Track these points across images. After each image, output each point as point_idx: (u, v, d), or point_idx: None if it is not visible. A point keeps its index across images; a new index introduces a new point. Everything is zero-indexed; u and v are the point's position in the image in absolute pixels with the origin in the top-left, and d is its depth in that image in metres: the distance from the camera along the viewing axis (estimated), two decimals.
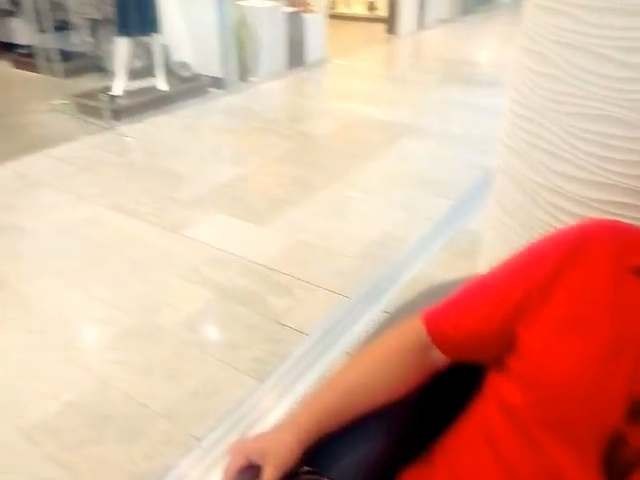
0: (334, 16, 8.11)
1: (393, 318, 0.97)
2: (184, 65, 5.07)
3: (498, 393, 0.73)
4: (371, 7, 9.15)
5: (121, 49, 4.48)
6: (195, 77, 5.08)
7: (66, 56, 5.49)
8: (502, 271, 0.78)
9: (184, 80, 5.01)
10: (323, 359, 1.84)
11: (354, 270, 2.35)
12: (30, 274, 2.38)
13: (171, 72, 5.03)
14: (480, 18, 8.93)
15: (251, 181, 3.34)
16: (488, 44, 7.24)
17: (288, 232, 2.69)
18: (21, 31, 6.30)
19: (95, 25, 5.44)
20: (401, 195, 3.07)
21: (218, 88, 5.18)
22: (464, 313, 0.77)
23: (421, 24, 8.18)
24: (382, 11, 8.57)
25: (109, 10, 4.96)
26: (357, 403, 0.78)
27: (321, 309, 2.10)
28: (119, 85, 4.51)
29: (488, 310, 0.74)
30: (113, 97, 4.39)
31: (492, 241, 1.57)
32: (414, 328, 0.80)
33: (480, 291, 0.78)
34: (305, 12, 6.05)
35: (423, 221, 2.76)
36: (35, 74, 5.52)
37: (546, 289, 0.69)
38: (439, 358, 0.79)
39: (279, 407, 1.67)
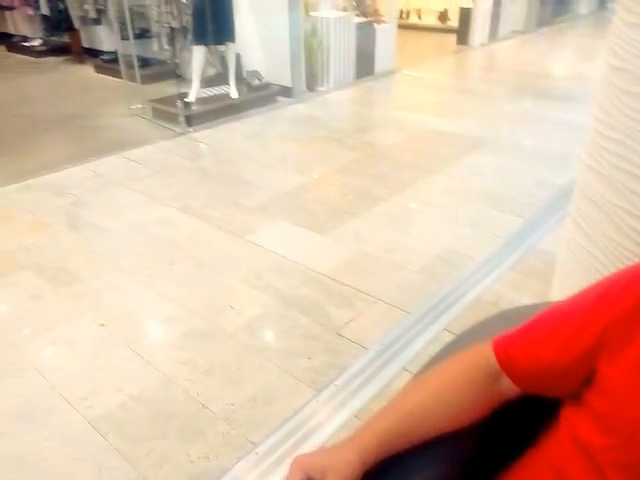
0: (405, 26, 8.08)
1: (461, 341, 0.94)
2: (255, 74, 5.21)
3: (573, 428, 0.70)
4: (443, 18, 9.04)
5: (197, 57, 4.67)
6: (265, 86, 5.21)
7: (145, 62, 5.77)
8: (582, 300, 0.74)
9: (254, 88, 5.14)
10: (381, 374, 1.82)
11: (416, 285, 2.32)
12: (104, 270, 2.51)
13: (242, 80, 5.18)
14: (556, 30, 8.63)
15: (315, 190, 3.37)
16: (564, 57, 6.97)
17: (350, 243, 2.69)
18: (105, 38, 6.71)
19: (173, 33, 5.70)
20: (468, 210, 3.00)
21: (286, 97, 5.28)
22: (539, 342, 0.74)
23: (494, 35, 7.99)
24: (454, 22, 8.46)
25: (187, 19, 5.18)
26: (420, 427, 0.76)
27: (381, 323, 2.08)
28: (193, 92, 4.69)
29: (566, 341, 0.71)
30: (187, 103, 4.57)
31: (567, 264, 1.50)
32: (484, 354, 0.77)
33: (558, 320, 0.74)
34: (376, 22, 6.07)
35: (491, 238, 2.68)
36: (115, 79, 5.84)
37: (632, 323, 0.65)
38: (509, 387, 0.76)
39: (335, 420, 1.67)
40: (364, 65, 6.01)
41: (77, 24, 6.70)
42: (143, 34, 5.79)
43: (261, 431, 1.63)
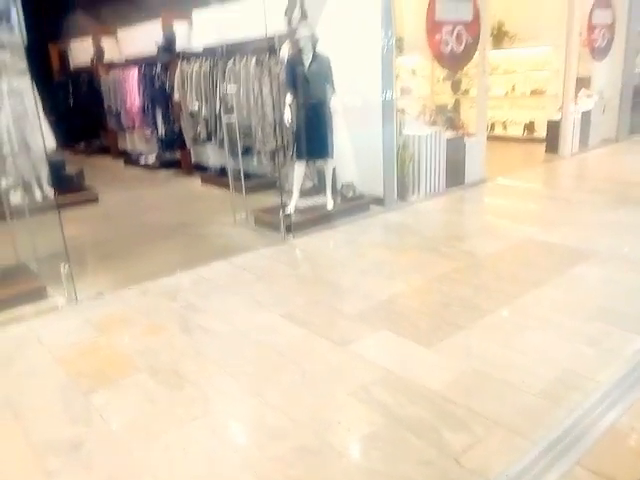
0: (491, 137, 8.26)
1: None
2: (350, 186, 5.47)
3: None
4: (529, 128, 9.20)
5: (298, 172, 5.02)
6: (358, 196, 5.43)
7: (248, 175, 6.27)
8: None
9: (348, 199, 5.37)
10: None
11: (537, 410, 2.15)
12: (213, 374, 2.57)
13: (337, 191, 5.46)
14: None
15: (414, 299, 3.35)
16: None
17: (459, 357, 2.59)
18: (211, 154, 7.43)
19: (275, 150, 6.21)
20: (583, 326, 2.82)
21: (379, 205, 5.46)
22: None
23: (584, 144, 7.97)
24: (540, 132, 8.57)
25: (287, 139, 5.66)
26: None
27: (503, 452, 1.92)
28: (293, 203, 4.99)
29: None
30: (287, 214, 4.84)
31: None
32: None
33: None
34: (465, 136, 6.28)
35: (615, 359, 2.48)
36: (220, 190, 6.36)
37: None
38: None
39: None
40: (455, 175, 6.16)
41: (189, 143, 7.50)
42: (248, 151, 6.36)
43: None
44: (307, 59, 4.84)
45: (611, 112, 8.42)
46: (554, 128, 7.80)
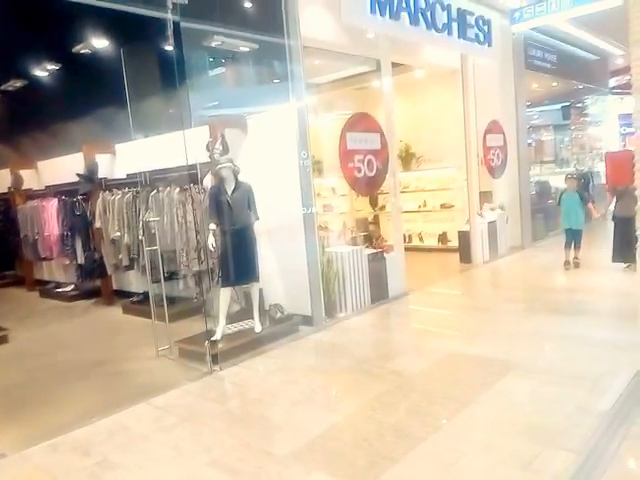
0: (408, 249, 8.69)
1: None
2: (277, 306, 5.46)
3: None
4: (443, 239, 9.82)
5: (223, 297, 4.96)
6: (287, 317, 5.41)
7: (172, 301, 6.10)
8: None
9: (277, 321, 5.33)
10: None
11: None
12: None
13: (265, 313, 5.41)
14: (550, 242, 9.26)
15: (348, 431, 3.23)
16: (565, 270, 7.33)
17: None
18: (134, 281, 7.24)
19: (200, 274, 6.16)
20: (514, 447, 2.82)
21: (308, 325, 5.45)
22: None
23: (494, 251, 8.58)
24: (453, 242, 9.16)
25: (213, 262, 5.65)
26: None
27: None
28: (219, 330, 4.86)
29: None
30: (213, 342, 4.68)
31: None
32: None
33: None
34: (385, 252, 6.58)
35: None
36: (142, 319, 6.10)
37: None
38: None
39: None
40: (379, 290, 6.34)
41: (110, 271, 7.29)
42: (172, 276, 6.25)
43: None
44: (230, 187, 5.00)
45: (514, 222, 9.22)
46: (465, 238, 8.39)
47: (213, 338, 4.73)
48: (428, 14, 6.61)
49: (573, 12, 6.92)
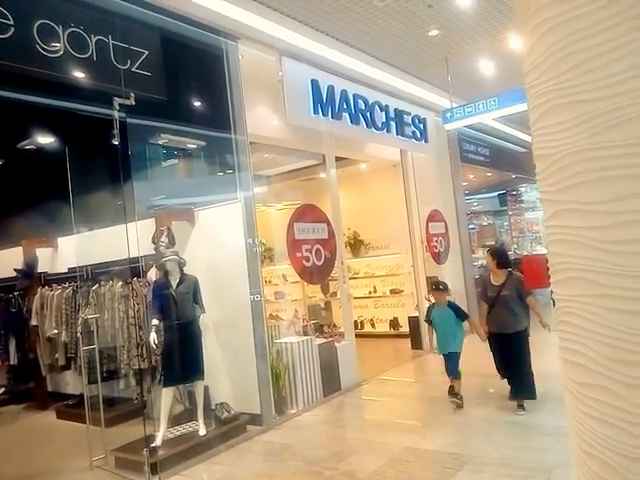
0: (361, 335, 8.64)
1: None
2: (224, 406, 5.17)
3: None
4: (394, 325, 9.84)
5: (165, 399, 4.68)
6: (234, 417, 5.11)
7: (110, 402, 5.70)
8: None
9: (223, 421, 5.02)
10: None
11: None
12: None
13: (211, 412, 5.11)
14: None
15: None
16: None
17: None
18: (70, 382, 6.76)
19: (141, 373, 5.82)
20: None
21: (257, 424, 5.16)
22: None
23: None
24: (405, 327, 9.18)
25: (155, 359, 5.38)
26: None
27: None
28: (160, 435, 4.53)
29: None
30: (153, 448, 4.34)
31: None
32: None
33: None
34: (336, 341, 6.50)
35: None
36: (78, 424, 5.61)
37: None
38: None
39: None
40: (331, 382, 6.17)
41: (45, 372, 6.80)
42: (111, 376, 5.88)
43: None
44: (174, 281, 4.90)
45: (461, 305, 9.37)
46: (415, 324, 8.43)
47: (153, 444, 4.39)
48: (368, 114, 7.07)
49: (499, 112, 7.55)
